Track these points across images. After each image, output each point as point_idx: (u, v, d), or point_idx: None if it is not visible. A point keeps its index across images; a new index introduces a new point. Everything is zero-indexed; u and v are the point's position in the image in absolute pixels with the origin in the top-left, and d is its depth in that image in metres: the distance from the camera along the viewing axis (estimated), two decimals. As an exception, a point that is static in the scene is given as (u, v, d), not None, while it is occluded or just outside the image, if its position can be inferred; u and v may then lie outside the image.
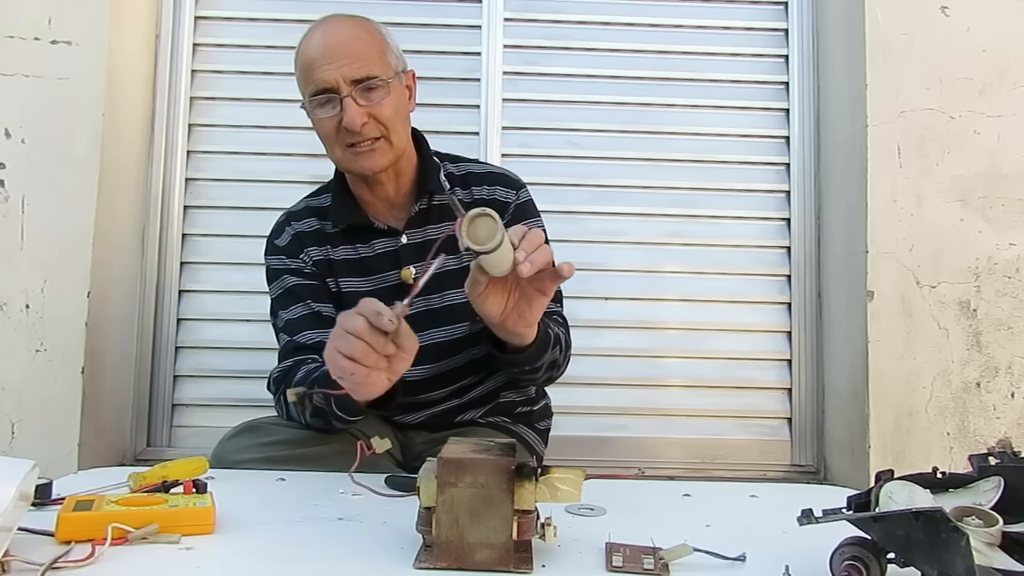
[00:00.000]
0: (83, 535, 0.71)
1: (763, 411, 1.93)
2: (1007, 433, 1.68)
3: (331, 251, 1.31)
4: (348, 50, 1.18)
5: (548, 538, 0.70)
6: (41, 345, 1.63)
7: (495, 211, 0.82)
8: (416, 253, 1.29)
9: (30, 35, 1.66)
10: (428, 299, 1.30)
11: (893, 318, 1.69)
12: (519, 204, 1.32)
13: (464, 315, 1.30)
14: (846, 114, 1.83)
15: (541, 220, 1.35)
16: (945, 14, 1.74)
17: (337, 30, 1.22)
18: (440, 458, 0.69)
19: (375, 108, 1.19)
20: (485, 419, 1.38)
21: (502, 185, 1.32)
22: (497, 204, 1.30)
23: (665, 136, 1.97)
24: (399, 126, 1.23)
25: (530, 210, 1.34)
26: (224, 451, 1.16)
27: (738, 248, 1.96)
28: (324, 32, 1.22)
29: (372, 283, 1.30)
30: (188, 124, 1.94)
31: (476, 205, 1.26)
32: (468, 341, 1.33)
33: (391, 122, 1.21)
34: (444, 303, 1.30)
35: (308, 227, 1.33)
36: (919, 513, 0.58)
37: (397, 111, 1.23)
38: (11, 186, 1.64)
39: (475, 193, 1.31)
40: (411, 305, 0.89)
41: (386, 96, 1.20)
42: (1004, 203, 1.71)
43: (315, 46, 1.20)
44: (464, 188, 1.32)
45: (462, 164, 1.36)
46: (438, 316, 1.30)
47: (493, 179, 1.33)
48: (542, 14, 1.99)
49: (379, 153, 1.21)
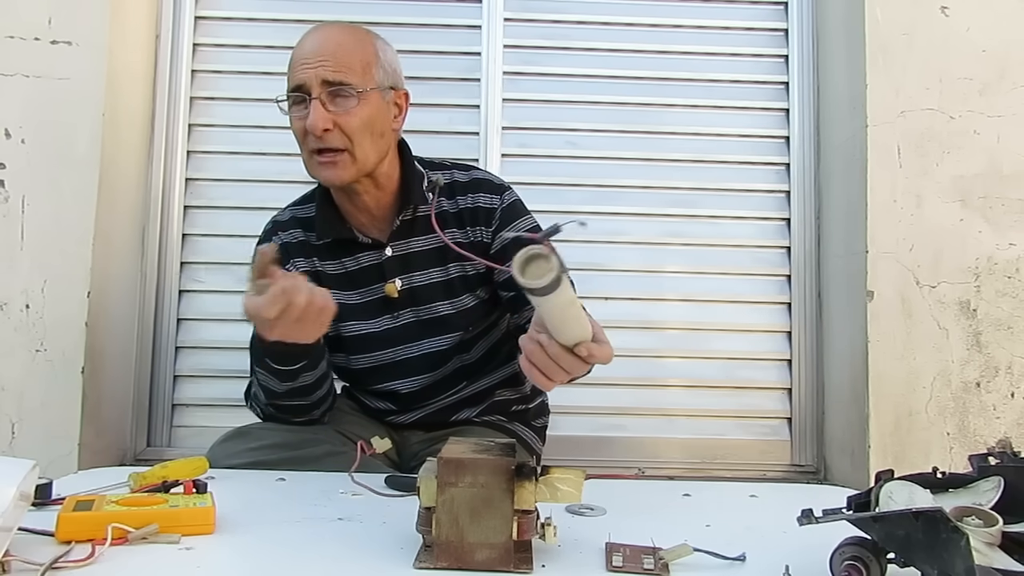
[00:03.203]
0: (83, 535, 0.71)
1: (763, 411, 1.93)
2: (1007, 433, 1.68)
3: (318, 263, 1.30)
4: (329, 53, 1.17)
5: (548, 538, 0.70)
6: (41, 345, 1.63)
7: (487, 219, 0.81)
8: (401, 265, 1.28)
9: (30, 35, 1.66)
10: (416, 311, 1.29)
11: (893, 318, 1.69)
12: (504, 208, 1.29)
13: (453, 326, 1.30)
14: (846, 114, 1.83)
15: (532, 218, 1.32)
16: (945, 14, 1.74)
17: (326, 34, 1.21)
18: (440, 458, 0.69)
19: (341, 116, 1.16)
20: (480, 418, 1.38)
21: (485, 192, 1.29)
22: (481, 211, 1.28)
23: (665, 136, 1.97)
24: (366, 141, 1.18)
25: (518, 210, 1.31)
26: (214, 456, 1.15)
27: (738, 248, 1.95)
28: (315, 34, 1.21)
29: (361, 295, 1.29)
30: (188, 124, 1.94)
31: (462, 215, 1.29)
32: (459, 348, 1.33)
33: (356, 135, 1.16)
34: (433, 314, 1.30)
35: (293, 239, 1.31)
36: (919, 513, 0.58)
37: (367, 125, 1.18)
38: (11, 186, 1.64)
39: (460, 203, 1.29)
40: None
41: (356, 106, 1.16)
42: (1004, 203, 1.71)
43: (302, 46, 1.20)
44: (449, 198, 1.29)
45: (447, 173, 1.32)
46: (427, 327, 1.30)
47: (476, 186, 1.30)
48: (542, 14, 1.98)
49: (340, 167, 1.18)
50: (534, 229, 1.27)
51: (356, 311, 1.29)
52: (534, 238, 0.72)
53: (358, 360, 1.33)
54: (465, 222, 1.28)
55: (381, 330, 1.30)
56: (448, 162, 1.36)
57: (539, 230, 1.24)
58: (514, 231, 1.27)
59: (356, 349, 1.32)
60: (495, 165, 1.93)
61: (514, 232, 1.27)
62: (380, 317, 1.30)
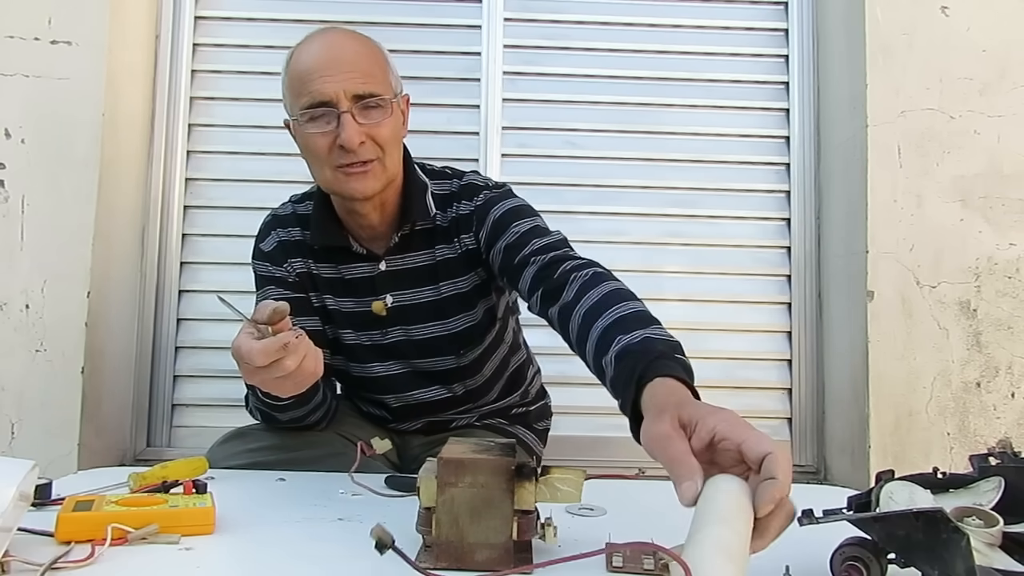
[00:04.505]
0: (83, 535, 0.71)
1: (763, 411, 1.93)
2: (1007, 433, 1.68)
3: (313, 266, 1.25)
4: (352, 63, 1.10)
5: (548, 538, 0.70)
6: (41, 345, 1.63)
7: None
8: (393, 281, 1.23)
9: (30, 35, 1.66)
10: (407, 329, 1.25)
11: (893, 318, 1.69)
12: (478, 208, 1.21)
13: (444, 350, 1.26)
14: (846, 114, 1.83)
15: (513, 200, 1.22)
16: (945, 14, 1.74)
17: (340, 42, 1.13)
18: (440, 458, 0.69)
19: (374, 128, 1.10)
20: (481, 422, 1.37)
21: (467, 198, 1.22)
22: (463, 219, 1.21)
23: (664, 136, 1.97)
24: (394, 150, 1.15)
25: (492, 202, 1.21)
26: (214, 457, 1.14)
27: (738, 248, 1.95)
28: (324, 43, 1.13)
29: (354, 304, 1.26)
30: (188, 124, 1.94)
31: (449, 228, 1.21)
32: (459, 373, 1.29)
33: (388, 145, 1.13)
34: (424, 335, 1.26)
35: (291, 237, 1.26)
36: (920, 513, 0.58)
37: (395, 134, 1.15)
38: (11, 186, 1.64)
39: (449, 214, 1.23)
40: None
41: (386, 117, 1.12)
42: (1004, 203, 1.71)
43: (314, 56, 1.11)
44: (443, 210, 1.23)
45: (446, 182, 1.26)
46: (418, 348, 1.26)
47: (461, 194, 1.23)
48: (542, 14, 1.98)
49: (371, 176, 1.12)
50: (511, 211, 1.18)
51: (347, 320, 1.26)
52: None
53: (353, 368, 1.31)
54: (452, 235, 1.22)
55: (371, 344, 1.27)
56: (448, 169, 1.30)
57: (518, 212, 1.17)
58: (493, 220, 1.18)
59: (351, 357, 1.29)
60: (495, 165, 1.93)
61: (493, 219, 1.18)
62: (371, 331, 1.26)
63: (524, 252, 1.11)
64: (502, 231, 1.16)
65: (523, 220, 1.16)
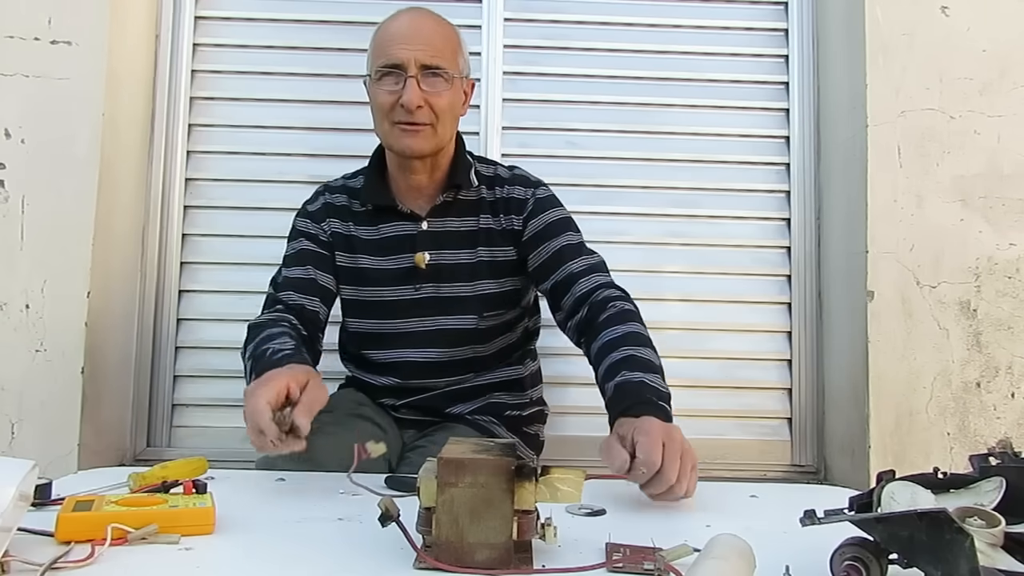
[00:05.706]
0: (83, 535, 0.71)
1: (763, 411, 1.93)
2: (1007, 433, 1.68)
3: (353, 228, 1.39)
4: (427, 38, 1.28)
5: (548, 538, 0.70)
6: (41, 345, 1.63)
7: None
8: (432, 241, 1.36)
9: (30, 35, 1.66)
10: (437, 287, 1.36)
11: (893, 318, 1.69)
12: (536, 199, 1.38)
13: (469, 307, 1.37)
14: (846, 114, 1.83)
15: (565, 210, 1.41)
16: (945, 14, 1.74)
17: (421, 19, 1.32)
18: (440, 458, 0.69)
19: (433, 96, 1.27)
20: (472, 416, 1.39)
21: (521, 185, 1.40)
22: (515, 201, 1.38)
23: (665, 136, 1.97)
24: (448, 120, 1.32)
25: (550, 202, 1.40)
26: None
27: (738, 248, 1.95)
28: (412, 17, 1.32)
29: (388, 262, 1.37)
30: (188, 124, 1.93)
31: (496, 204, 1.38)
32: (473, 337, 1.38)
33: (443, 113, 1.29)
34: (452, 293, 1.36)
35: (337, 202, 1.41)
36: (923, 514, 0.58)
37: (451, 106, 1.31)
38: (11, 186, 1.64)
39: (497, 193, 1.39)
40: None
41: (446, 89, 1.29)
42: (1004, 203, 1.71)
43: (399, 25, 1.30)
44: (489, 188, 1.39)
45: (491, 167, 1.43)
46: (444, 304, 1.37)
47: (514, 180, 1.41)
48: (542, 14, 1.98)
49: (422, 137, 1.29)
50: (564, 220, 1.38)
51: (381, 277, 1.38)
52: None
53: (374, 325, 1.39)
54: (499, 210, 1.38)
55: (401, 299, 1.37)
56: (497, 162, 1.48)
57: (569, 223, 1.36)
58: (548, 220, 1.36)
59: (374, 314, 1.39)
60: (495, 165, 1.93)
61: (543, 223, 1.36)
62: (402, 286, 1.37)
63: (570, 266, 1.31)
64: (553, 234, 1.35)
65: (573, 233, 1.37)
